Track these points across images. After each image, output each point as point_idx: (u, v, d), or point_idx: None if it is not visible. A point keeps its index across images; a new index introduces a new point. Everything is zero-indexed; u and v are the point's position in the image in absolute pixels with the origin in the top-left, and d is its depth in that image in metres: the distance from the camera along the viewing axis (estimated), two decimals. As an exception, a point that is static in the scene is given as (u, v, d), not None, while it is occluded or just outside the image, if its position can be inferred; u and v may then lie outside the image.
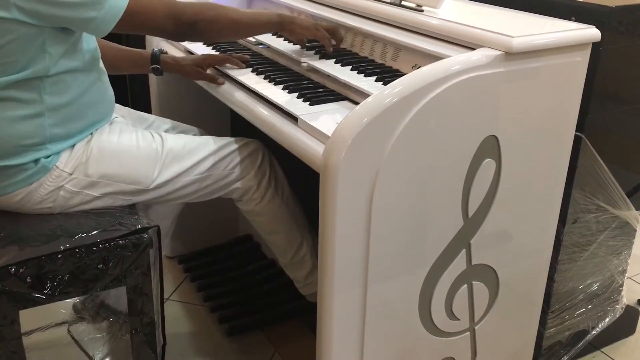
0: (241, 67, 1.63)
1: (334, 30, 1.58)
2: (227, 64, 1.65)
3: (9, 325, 1.27)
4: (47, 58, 1.29)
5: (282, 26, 1.54)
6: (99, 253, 1.30)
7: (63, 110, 1.35)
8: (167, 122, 1.76)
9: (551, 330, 1.66)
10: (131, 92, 2.49)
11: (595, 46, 1.33)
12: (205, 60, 1.66)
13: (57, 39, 1.29)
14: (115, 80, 1.55)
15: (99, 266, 1.31)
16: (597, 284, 1.72)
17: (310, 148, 1.21)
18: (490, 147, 1.26)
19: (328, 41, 1.56)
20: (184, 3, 1.41)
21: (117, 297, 1.89)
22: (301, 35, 1.54)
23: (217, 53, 1.75)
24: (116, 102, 1.56)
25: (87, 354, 1.82)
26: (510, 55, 1.20)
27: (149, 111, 1.85)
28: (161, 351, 1.53)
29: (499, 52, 1.20)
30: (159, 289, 1.50)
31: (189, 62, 1.67)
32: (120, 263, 1.33)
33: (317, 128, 1.23)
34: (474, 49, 1.23)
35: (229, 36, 1.62)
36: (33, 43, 1.26)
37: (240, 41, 1.84)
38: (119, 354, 1.82)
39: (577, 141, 1.42)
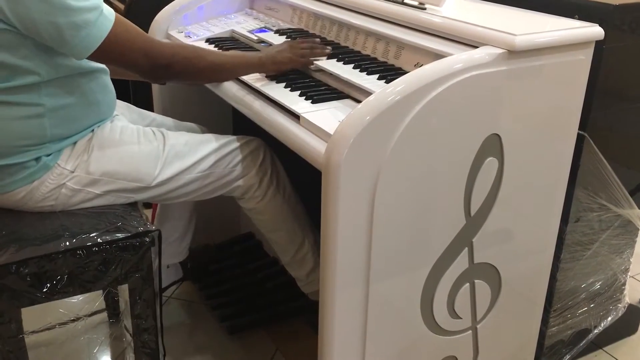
0: None
1: (315, 44, 1.54)
2: None
3: (9, 323, 1.27)
4: (38, 64, 1.27)
5: (265, 68, 1.50)
6: (99, 254, 1.30)
7: (63, 111, 1.35)
8: (168, 120, 1.76)
9: (553, 329, 1.66)
10: (133, 90, 2.49)
11: (599, 44, 1.33)
12: None
13: (42, 47, 1.27)
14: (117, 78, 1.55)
15: (99, 267, 1.31)
16: (600, 282, 1.71)
17: (312, 146, 1.21)
18: (493, 146, 1.26)
19: (320, 51, 1.52)
20: (162, 43, 1.41)
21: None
22: (288, 68, 1.51)
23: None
24: (118, 100, 1.56)
25: (87, 354, 1.82)
26: (513, 53, 1.20)
27: (151, 109, 1.85)
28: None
29: (501, 51, 1.19)
30: (159, 293, 1.49)
31: None
32: (121, 265, 1.32)
33: (319, 126, 1.23)
34: (477, 47, 1.23)
35: (208, 79, 1.56)
36: (18, 51, 1.25)
37: (243, 40, 1.83)
38: (118, 355, 1.82)
39: (579, 140, 1.42)
